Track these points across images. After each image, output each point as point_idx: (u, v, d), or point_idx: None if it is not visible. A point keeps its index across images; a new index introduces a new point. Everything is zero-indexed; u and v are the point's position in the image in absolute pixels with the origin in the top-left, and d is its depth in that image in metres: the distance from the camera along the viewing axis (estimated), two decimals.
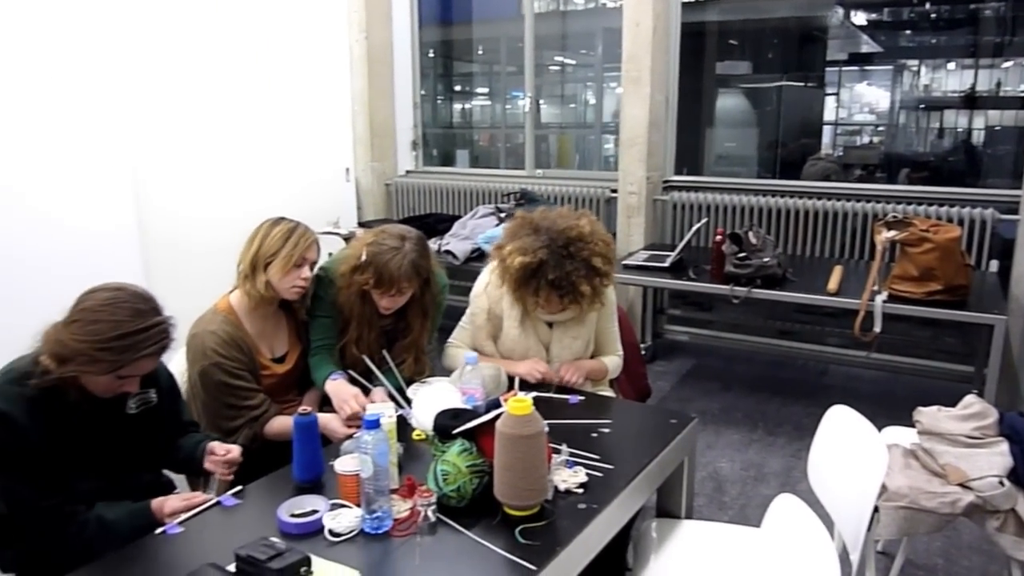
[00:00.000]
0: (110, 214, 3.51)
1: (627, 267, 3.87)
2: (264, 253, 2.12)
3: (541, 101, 5.60)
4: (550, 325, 2.36)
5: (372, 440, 1.49)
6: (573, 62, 6.37)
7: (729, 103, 6.24)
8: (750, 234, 3.51)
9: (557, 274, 2.11)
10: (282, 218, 2.20)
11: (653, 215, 4.57)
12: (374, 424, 1.51)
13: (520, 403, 1.52)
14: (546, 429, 1.56)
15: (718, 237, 3.56)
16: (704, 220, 4.23)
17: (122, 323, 1.56)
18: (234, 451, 1.79)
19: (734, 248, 3.50)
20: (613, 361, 2.45)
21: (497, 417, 1.57)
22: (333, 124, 4.92)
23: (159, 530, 1.55)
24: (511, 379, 2.21)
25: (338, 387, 2.15)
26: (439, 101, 6.26)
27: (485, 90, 6.75)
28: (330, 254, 2.45)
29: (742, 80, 6.12)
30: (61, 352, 1.55)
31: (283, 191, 4.28)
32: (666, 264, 3.77)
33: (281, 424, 2.11)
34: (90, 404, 1.64)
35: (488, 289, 2.38)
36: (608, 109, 5.97)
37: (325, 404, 2.19)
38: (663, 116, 4.54)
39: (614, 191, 4.63)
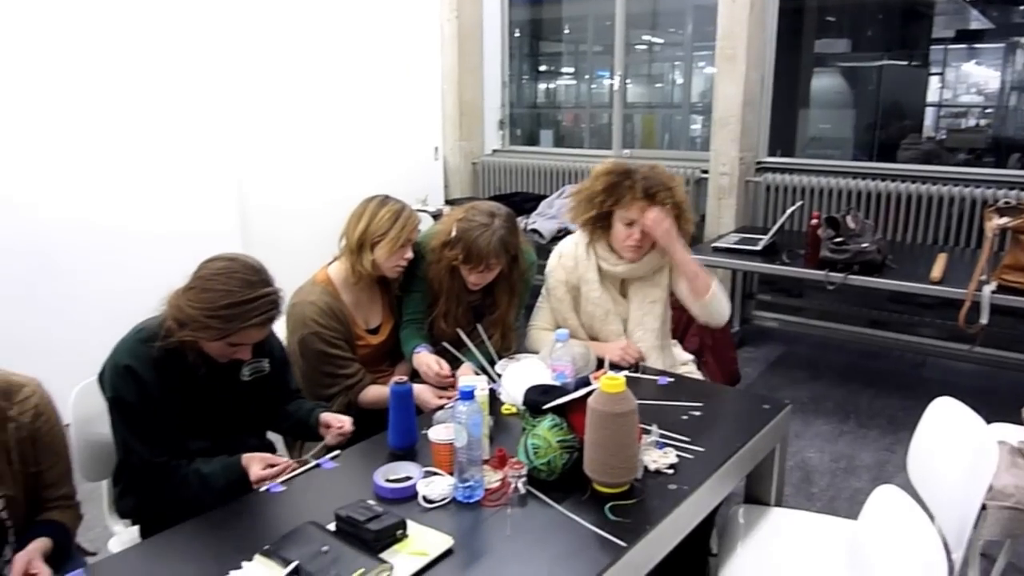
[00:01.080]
0: (216, 218, 3.71)
1: (717, 250, 3.79)
2: (372, 233, 2.16)
3: (628, 81, 5.51)
4: (624, 295, 2.36)
5: (467, 411, 1.52)
6: (661, 41, 6.25)
7: (825, 83, 6.00)
8: (848, 218, 3.38)
9: (647, 174, 2.21)
10: (387, 197, 2.24)
11: (745, 197, 4.45)
12: (469, 395, 1.53)
13: (613, 381, 1.52)
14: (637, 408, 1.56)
15: (814, 221, 3.44)
16: (800, 203, 4.09)
17: (232, 292, 1.62)
18: (347, 424, 1.83)
19: (831, 232, 3.38)
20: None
21: (589, 394, 1.57)
22: (423, 103, 5.00)
23: (263, 488, 1.63)
24: (600, 359, 2.20)
25: (421, 357, 2.20)
26: (524, 81, 6.26)
27: (571, 70, 6.69)
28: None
29: (841, 59, 5.87)
30: (178, 316, 1.63)
31: (374, 171, 4.39)
32: (758, 247, 3.67)
33: (375, 393, 2.17)
34: (208, 368, 1.72)
35: (562, 260, 2.40)
36: (696, 89, 5.84)
37: (415, 376, 2.24)
38: (758, 95, 4.41)
39: (704, 172, 4.54)
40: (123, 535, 1.89)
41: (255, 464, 1.68)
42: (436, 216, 4.32)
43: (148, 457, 1.68)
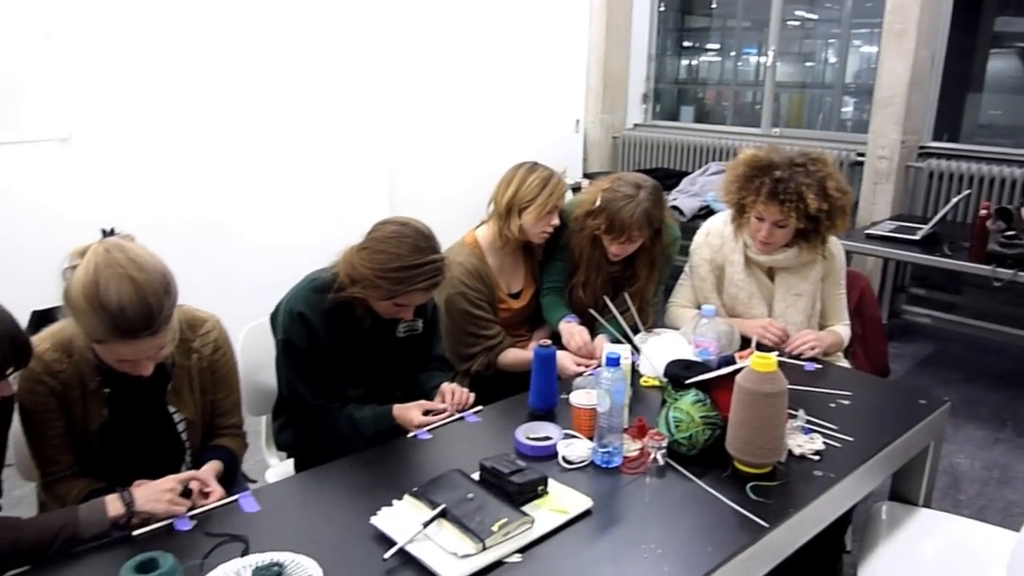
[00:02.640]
0: (368, 209, 3.85)
1: (870, 237, 3.59)
2: (521, 199, 2.20)
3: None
4: (771, 279, 2.27)
5: (611, 377, 1.52)
6: (815, 17, 5.92)
7: (1001, 64, 5.49)
8: (1023, 210, 3.12)
9: (784, 175, 2.05)
10: (536, 163, 2.27)
11: (904, 183, 4.18)
12: (615, 362, 1.54)
13: (764, 360, 1.48)
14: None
15: (983, 211, 3.18)
16: (966, 192, 3.79)
17: (401, 256, 1.69)
18: (462, 399, 1.82)
19: (1001, 225, 3.12)
20: (844, 331, 2.30)
21: (736, 372, 1.54)
22: (567, 75, 4.97)
23: (410, 434, 1.71)
24: (745, 339, 2.15)
25: (571, 328, 2.22)
26: (667, 55, 6.12)
27: (716, 46, 6.47)
28: None
29: (1022, 39, 5.34)
30: (351, 273, 1.73)
31: (514, 143, 4.42)
32: (917, 237, 3.45)
33: (514, 356, 2.21)
34: (371, 321, 1.81)
35: (708, 239, 2.33)
36: (851, 68, 5.51)
37: (554, 341, 2.26)
38: (927, 74, 4.12)
39: (860, 155, 4.29)
40: (278, 467, 2.03)
41: (415, 411, 1.75)
42: (575, 189, 4.31)
43: (309, 399, 1.79)
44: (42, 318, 2.81)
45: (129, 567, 1.13)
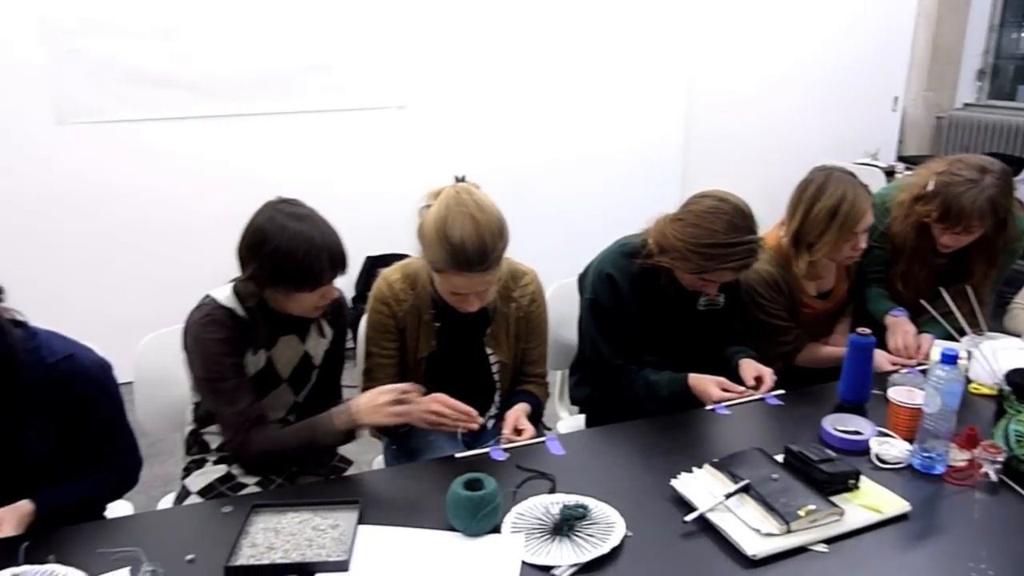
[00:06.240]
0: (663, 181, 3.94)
1: None
2: (807, 232, 1.92)
3: None
4: None
5: (945, 377, 1.39)
6: None
7: None
8: None
9: None
10: (829, 177, 1.91)
11: None
12: (952, 360, 1.39)
13: None
14: None
15: None
16: None
17: (716, 233, 1.66)
18: (765, 380, 1.76)
19: None
20: None
21: None
22: (888, 46, 4.55)
23: (709, 407, 1.70)
24: None
25: (901, 323, 2.04)
26: (1005, 27, 5.29)
27: None
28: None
29: None
30: (662, 242, 1.74)
31: (821, 117, 4.16)
32: None
33: (811, 354, 2.07)
34: (673, 290, 1.82)
35: None
36: None
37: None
38: None
39: None
40: (569, 420, 2.14)
41: (713, 386, 1.74)
42: (889, 173, 3.95)
43: (609, 357, 1.85)
44: (374, 263, 3.24)
45: (459, 482, 1.27)
